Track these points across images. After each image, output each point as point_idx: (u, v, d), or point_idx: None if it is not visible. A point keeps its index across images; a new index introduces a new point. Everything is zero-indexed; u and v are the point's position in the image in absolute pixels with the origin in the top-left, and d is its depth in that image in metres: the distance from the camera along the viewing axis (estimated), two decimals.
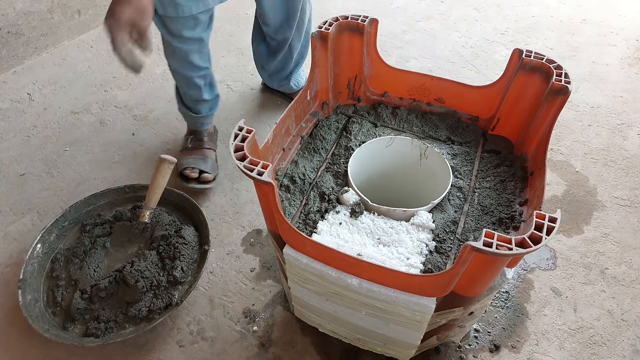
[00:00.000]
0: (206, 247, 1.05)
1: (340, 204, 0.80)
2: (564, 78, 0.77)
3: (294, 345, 0.97)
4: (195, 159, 1.27)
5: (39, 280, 1.03)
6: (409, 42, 1.89)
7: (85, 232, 1.10)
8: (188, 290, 0.99)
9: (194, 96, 1.24)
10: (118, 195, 1.18)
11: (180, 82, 1.23)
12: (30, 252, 1.04)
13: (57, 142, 1.45)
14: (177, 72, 1.19)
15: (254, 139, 0.69)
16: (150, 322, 0.95)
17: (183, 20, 1.04)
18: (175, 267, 1.01)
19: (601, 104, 1.57)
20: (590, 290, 1.06)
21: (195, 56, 1.14)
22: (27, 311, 0.94)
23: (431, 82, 0.95)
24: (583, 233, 1.18)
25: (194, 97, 1.24)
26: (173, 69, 1.19)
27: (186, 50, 1.11)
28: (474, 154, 0.90)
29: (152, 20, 1.02)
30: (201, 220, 1.10)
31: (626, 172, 1.34)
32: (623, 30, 1.94)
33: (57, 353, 0.96)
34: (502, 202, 0.80)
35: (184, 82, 1.21)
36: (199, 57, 1.15)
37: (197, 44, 1.12)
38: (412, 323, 0.72)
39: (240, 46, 1.84)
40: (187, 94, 1.24)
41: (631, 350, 0.96)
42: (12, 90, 1.64)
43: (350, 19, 0.91)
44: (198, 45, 1.12)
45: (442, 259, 0.72)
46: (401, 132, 0.94)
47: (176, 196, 1.16)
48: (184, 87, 1.23)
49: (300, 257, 0.71)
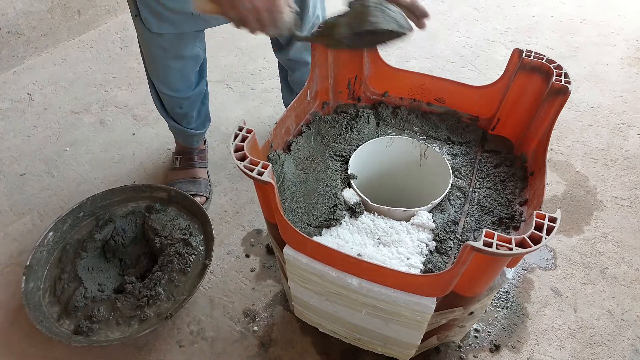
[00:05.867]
0: (207, 262, 1.02)
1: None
2: (564, 78, 0.77)
3: (294, 345, 0.97)
4: (184, 183, 1.23)
5: (45, 268, 1.03)
6: (409, 42, 1.89)
7: (98, 227, 1.09)
8: (182, 304, 0.96)
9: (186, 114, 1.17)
10: (135, 193, 1.17)
11: (170, 102, 1.14)
12: (41, 240, 1.03)
13: (57, 142, 1.45)
14: (165, 95, 1.11)
15: (254, 139, 0.69)
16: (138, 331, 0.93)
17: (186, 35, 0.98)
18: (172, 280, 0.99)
19: (601, 104, 1.57)
20: (590, 290, 1.06)
21: (191, 73, 1.08)
22: (26, 299, 0.94)
23: (431, 82, 0.95)
24: (583, 233, 1.18)
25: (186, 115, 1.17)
26: (161, 90, 1.10)
27: (182, 68, 1.05)
28: (474, 154, 0.90)
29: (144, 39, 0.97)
30: (208, 231, 1.07)
31: (626, 172, 1.34)
32: (623, 30, 1.94)
33: (57, 353, 0.96)
34: (502, 202, 0.80)
35: (175, 102, 1.13)
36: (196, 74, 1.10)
37: (194, 60, 1.06)
38: (412, 323, 0.72)
39: (240, 46, 1.84)
40: (177, 112, 1.17)
41: (631, 350, 0.96)
42: (12, 90, 1.64)
43: None
44: (194, 62, 1.07)
45: (442, 259, 0.72)
46: (401, 132, 0.94)
47: (191, 203, 1.13)
48: (175, 108, 1.15)
49: (300, 257, 0.71)
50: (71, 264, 1.03)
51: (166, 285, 0.99)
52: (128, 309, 0.95)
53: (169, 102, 1.14)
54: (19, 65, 1.74)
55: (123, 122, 1.52)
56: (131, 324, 0.94)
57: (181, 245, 1.04)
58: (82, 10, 1.87)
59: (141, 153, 1.41)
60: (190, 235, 1.07)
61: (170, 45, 0.98)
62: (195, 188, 1.24)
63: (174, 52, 1.00)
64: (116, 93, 1.64)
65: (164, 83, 1.08)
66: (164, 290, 0.98)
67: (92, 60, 1.79)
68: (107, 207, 1.15)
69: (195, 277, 1.00)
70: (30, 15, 1.70)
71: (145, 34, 0.96)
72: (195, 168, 1.28)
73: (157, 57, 1.02)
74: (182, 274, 1.01)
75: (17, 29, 1.68)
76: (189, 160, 1.29)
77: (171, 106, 1.15)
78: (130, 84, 1.68)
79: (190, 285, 0.99)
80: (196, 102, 1.17)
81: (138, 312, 0.95)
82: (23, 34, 1.71)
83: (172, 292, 0.98)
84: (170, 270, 1.00)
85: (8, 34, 1.66)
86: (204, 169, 1.31)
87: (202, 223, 1.11)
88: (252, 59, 1.77)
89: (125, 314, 0.95)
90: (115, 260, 1.09)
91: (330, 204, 0.78)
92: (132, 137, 1.47)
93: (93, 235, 1.07)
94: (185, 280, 1.00)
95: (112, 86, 1.67)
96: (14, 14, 1.65)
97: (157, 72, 1.06)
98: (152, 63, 1.05)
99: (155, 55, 1.01)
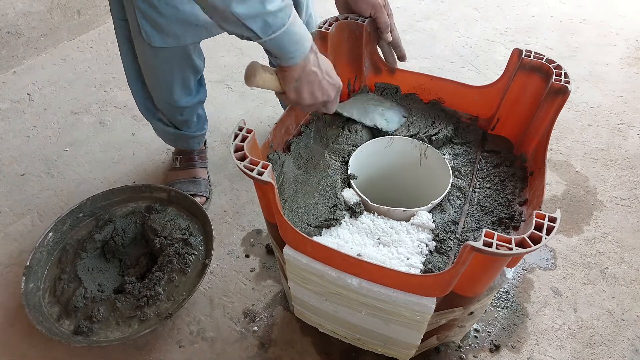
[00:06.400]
0: (206, 262, 1.01)
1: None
2: (563, 78, 0.77)
3: (294, 345, 0.97)
4: (184, 184, 1.23)
5: (45, 269, 1.03)
6: (409, 42, 1.89)
7: (98, 227, 1.09)
8: (181, 304, 0.96)
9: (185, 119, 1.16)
10: (135, 194, 1.17)
11: (173, 113, 1.13)
12: (41, 240, 1.03)
13: (57, 142, 1.45)
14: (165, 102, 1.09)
15: (254, 139, 0.69)
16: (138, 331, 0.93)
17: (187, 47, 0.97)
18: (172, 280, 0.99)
19: (601, 104, 1.57)
20: (590, 290, 1.06)
21: (191, 83, 1.07)
22: (26, 299, 0.94)
23: (431, 82, 0.95)
24: (583, 233, 1.18)
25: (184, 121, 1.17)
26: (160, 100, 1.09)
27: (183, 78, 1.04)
28: (474, 154, 0.90)
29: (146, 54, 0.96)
30: (208, 231, 1.07)
31: (626, 172, 1.34)
32: (623, 30, 1.94)
33: (56, 353, 0.96)
34: (502, 202, 0.80)
35: (176, 111, 1.12)
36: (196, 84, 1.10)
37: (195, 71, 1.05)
38: (412, 323, 0.72)
39: (240, 46, 1.84)
40: (179, 120, 1.16)
41: (631, 350, 0.96)
42: (12, 90, 1.65)
43: (350, 18, 0.91)
44: (195, 73, 1.06)
45: (442, 259, 0.72)
46: None
47: (190, 203, 1.13)
48: (175, 115, 1.14)
49: (300, 257, 0.71)
50: (71, 264, 1.03)
51: (166, 285, 0.99)
52: (128, 309, 0.95)
53: (169, 112, 1.13)
54: (18, 65, 1.74)
55: (123, 123, 1.52)
56: (131, 324, 0.94)
57: (181, 245, 1.04)
58: (82, 11, 1.87)
59: (141, 153, 1.41)
60: (190, 236, 1.07)
61: (172, 58, 0.98)
62: (195, 188, 1.24)
63: (175, 64, 1.00)
64: (116, 93, 1.64)
65: (165, 95, 1.07)
66: (163, 290, 0.98)
67: (92, 61, 1.79)
68: (107, 208, 1.15)
69: (195, 277, 1.00)
70: (30, 15, 1.70)
71: (145, 50, 0.95)
72: (195, 168, 1.28)
73: (160, 70, 1.00)
74: (181, 274, 1.00)
75: (16, 29, 1.68)
76: (189, 160, 1.28)
77: (172, 115, 1.14)
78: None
79: (190, 285, 0.99)
80: (196, 108, 1.16)
81: (138, 312, 0.95)
82: (23, 34, 1.71)
83: (171, 292, 0.98)
84: (170, 271, 1.00)
85: (8, 34, 1.66)
86: (204, 169, 1.31)
87: (202, 223, 1.10)
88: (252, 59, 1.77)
89: (125, 314, 0.95)
90: (115, 260, 1.09)
91: (330, 204, 0.78)
92: (131, 137, 1.47)
93: (93, 235, 1.07)
94: (185, 280, 1.00)
95: (112, 86, 1.67)
96: (14, 14, 1.65)
97: (160, 84, 1.05)
98: (154, 77, 1.03)
99: (157, 68, 1.00)
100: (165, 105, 1.10)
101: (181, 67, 1.01)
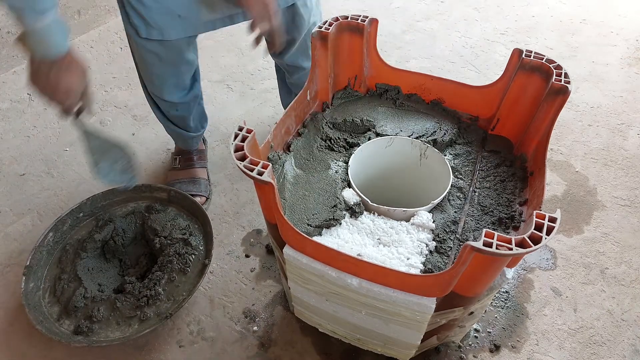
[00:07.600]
0: (206, 262, 1.01)
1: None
2: (563, 78, 0.77)
3: (294, 345, 0.97)
4: (184, 183, 1.23)
5: (45, 269, 1.03)
6: (409, 42, 1.89)
7: (98, 227, 1.09)
8: (181, 304, 0.96)
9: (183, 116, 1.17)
10: (135, 194, 1.17)
11: (165, 106, 1.13)
12: (41, 240, 1.03)
13: (57, 142, 1.45)
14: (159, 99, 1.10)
15: (254, 139, 0.69)
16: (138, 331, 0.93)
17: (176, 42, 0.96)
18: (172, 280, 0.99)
19: (601, 104, 1.57)
20: (590, 290, 1.06)
21: (185, 79, 1.07)
22: (26, 299, 0.94)
23: (431, 82, 0.95)
24: (583, 233, 1.18)
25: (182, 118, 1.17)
26: (154, 95, 1.10)
27: (175, 74, 1.04)
28: (474, 154, 0.90)
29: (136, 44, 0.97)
30: (208, 231, 1.07)
31: (626, 172, 1.34)
32: (623, 30, 1.94)
33: (57, 353, 0.96)
34: (502, 202, 0.80)
35: (169, 106, 1.12)
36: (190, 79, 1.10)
37: (188, 66, 1.05)
38: (412, 323, 0.72)
39: (240, 46, 1.84)
40: (174, 115, 1.16)
41: (631, 350, 0.96)
42: (12, 90, 1.64)
43: (350, 19, 0.91)
44: (188, 68, 1.06)
45: (442, 259, 0.72)
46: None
47: (190, 203, 1.13)
48: (170, 111, 1.14)
49: (300, 257, 0.71)
50: (71, 264, 1.03)
51: (166, 285, 0.99)
52: (128, 309, 0.95)
53: (163, 106, 1.13)
54: (18, 65, 1.74)
55: (123, 122, 1.52)
56: (131, 324, 0.94)
57: (181, 245, 1.04)
58: (82, 10, 1.87)
59: (141, 153, 1.41)
60: (190, 235, 1.07)
61: (161, 52, 0.97)
62: (195, 188, 1.24)
63: (165, 58, 0.99)
64: (116, 93, 1.64)
65: (157, 89, 1.07)
66: (163, 290, 0.98)
67: (92, 60, 1.79)
68: (107, 208, 1.15)
69: (195, 277, 1.00)
70: None
71: (136, 39, 0.95)
72: (194, 168, 1.28)
73: (148, 63, 1.00)
74: (181, 274, 1.00)
75: (17, 29, 1.68)
76: (188, 160, 1.28)
77: (166, 109, 1.14)
78: (130, 84, 1.68)
79: (190, 285, 0.99)
80: (191, 104, 1.16)
81: (138, 312, 0.95)
82: None
83: (171, 292, 0.98)
84: (170, 270, 1.00)
85: (8, 34, 1.66)
86: (203, 169, 1.30)
87: (201, 223, 1.10)
88: (252, 59, 1.78)
89: (125, 314, 0.95)
90: (115, 260, 1.09)
91: (330, 204, 0.78)
92: (132, 137, 1.47)
93: (93, 235, 1.07)
94: (185, 280, 1.00)
95: (112, 86, 1.67)
96: None
97: (151, 78, 1.05)
98: (145, 69, 1.03)
99: (146, 61, 1.00)
100: (158, 100, 1.11)
101: (172, 62, 1.01)
